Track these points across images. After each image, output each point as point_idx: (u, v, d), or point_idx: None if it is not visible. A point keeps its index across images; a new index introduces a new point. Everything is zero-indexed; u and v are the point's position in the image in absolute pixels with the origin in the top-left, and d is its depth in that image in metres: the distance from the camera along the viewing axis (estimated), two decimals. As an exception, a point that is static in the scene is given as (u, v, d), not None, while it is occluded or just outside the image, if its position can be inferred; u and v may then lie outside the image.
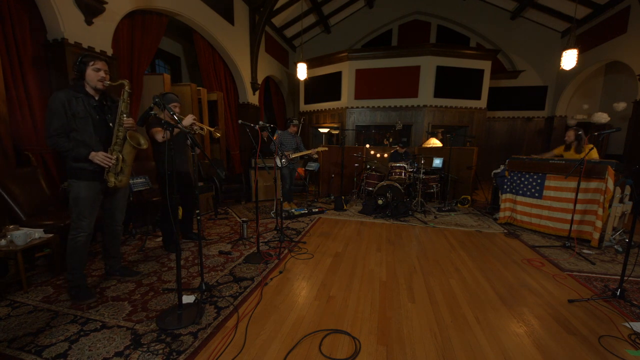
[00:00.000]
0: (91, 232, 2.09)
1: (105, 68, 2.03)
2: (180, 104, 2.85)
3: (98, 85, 2.01)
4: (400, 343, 1.69)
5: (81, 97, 1.97)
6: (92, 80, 2.00)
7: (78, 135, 1.96)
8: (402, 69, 7.08)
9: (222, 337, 1.70)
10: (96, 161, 1.98)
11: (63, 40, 3.14)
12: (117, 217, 2.31)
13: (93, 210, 2.08)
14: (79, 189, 2.01)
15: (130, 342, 1.64)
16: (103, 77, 2.01)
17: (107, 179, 2.06)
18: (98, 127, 2.03)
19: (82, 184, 2.01)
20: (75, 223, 2.04)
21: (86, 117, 1.97)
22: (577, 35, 7.14)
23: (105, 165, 2.01)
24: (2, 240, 2.13)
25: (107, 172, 2.06)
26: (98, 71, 2.00)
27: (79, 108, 1.95)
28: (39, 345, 1.59)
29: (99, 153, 1.98)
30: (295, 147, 4.75)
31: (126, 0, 3.80)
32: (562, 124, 8.15)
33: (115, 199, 2.25)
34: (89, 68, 1.98)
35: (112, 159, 2.03)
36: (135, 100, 4.19)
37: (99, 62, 2.01)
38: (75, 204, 2.02)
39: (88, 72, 1.98)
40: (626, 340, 1.76)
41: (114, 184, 2.08)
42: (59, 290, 2.21)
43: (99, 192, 2.10)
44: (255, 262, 2.76)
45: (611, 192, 3.11)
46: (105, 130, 2.08)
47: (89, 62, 1.98)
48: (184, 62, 7.37)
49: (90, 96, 2.03)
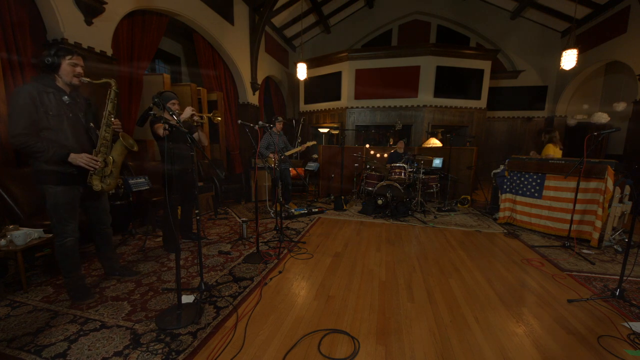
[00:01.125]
0: (77, 234, 2.00)
1: (82, 63, 1.91)
2: (178, 101, 2.86)
3: (74, 80, 1.88)
4: (399, 343, 1.69)
5: (52, 91, 1.81)
6: (67, 75, 1.86)
7: (51, 134, 1.79)
8: (402, 69, 7.08)
9: (221, 337, 1.70)
10: (79, 163, 1.83)
11: (63, 40, 3.15)
12: (105, 220, 2.23)
13: (74, 214, 1.96)
14: (55, 195, 1.86)
15: (130, 341, 1.64)
16: (80, 73, 1.89)
17: (91, 182, 1.93)
18: (73, 126, 1.87)
19: (60, 189, 1.86)
20: (58, 229, 1.92)
21: (59, 114, 1.81)
22: (577, 35, 7.14)
23: (90, 168, 1.88)
24: (2, 240, 2.13)
25: (91, 176, 1.93)
26: (75, 66, 1.86)
27: (50, 104, 1.78)
28: (38, 345, 1.60)
29: (81, 155, 1.83)
30: (283, 146, 4.71)
31: (126, 1, 3.80)
32: (562, 124, 8.15)
33: (99, 201, 2.15)
34: (64, 62, 1.83)
35: (97, 161, 1.91)
36: (135, 101, 4.20)
37: (76, 56, 1.88)
38: (54, 211, 1.88)
39: (63, 66, 1.84)
40: (625, 340, 1.76)
41: (100, 187, 1.96)
42: (58, 290, 2.21)
43: (77, 194, 1.97)
44: (254, 262, 2.76)
45: (611, 192, 3.10)
46: (81, 130, 1.93)
47: (65, 56, 1.83)
48: (184, 62, 7.37)
49: (61, 91, 1.87)
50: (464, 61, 6.95)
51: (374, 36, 9.63)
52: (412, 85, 7.08)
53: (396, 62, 7.11)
